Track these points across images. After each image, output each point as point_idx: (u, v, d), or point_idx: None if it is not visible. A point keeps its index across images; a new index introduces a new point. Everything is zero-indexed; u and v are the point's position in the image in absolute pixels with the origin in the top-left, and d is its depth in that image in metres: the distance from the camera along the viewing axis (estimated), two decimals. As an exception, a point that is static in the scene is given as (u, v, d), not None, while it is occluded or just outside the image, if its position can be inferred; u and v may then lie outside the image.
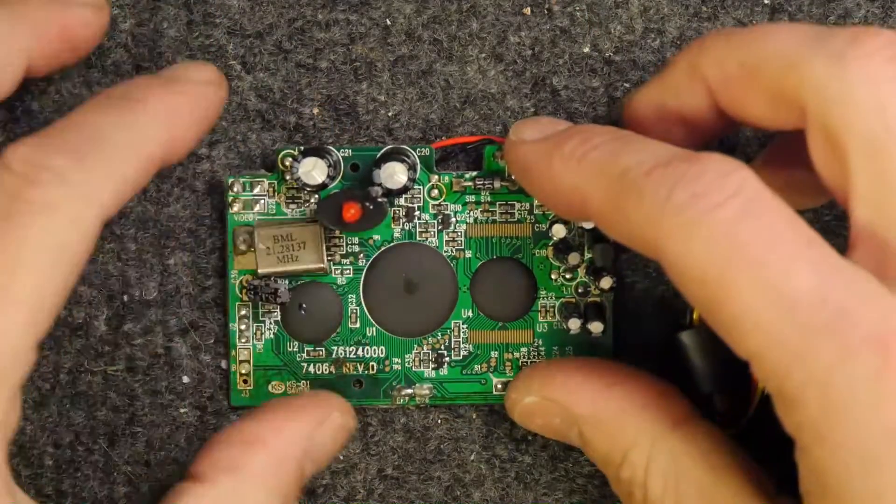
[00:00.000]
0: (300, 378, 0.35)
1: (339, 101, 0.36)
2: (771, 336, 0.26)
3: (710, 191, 0.27)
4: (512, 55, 0.36)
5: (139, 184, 0.30)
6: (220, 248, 0.36)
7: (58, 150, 0.28)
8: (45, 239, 0.27)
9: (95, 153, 0.29)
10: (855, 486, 0.26)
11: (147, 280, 0.35)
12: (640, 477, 0.31)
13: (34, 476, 0.35)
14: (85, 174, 0.28)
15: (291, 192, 0.35)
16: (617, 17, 0.36)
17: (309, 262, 0.34)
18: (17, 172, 0.28)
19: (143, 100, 0.30)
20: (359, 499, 0.36)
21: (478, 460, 0.36)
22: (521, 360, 0.35)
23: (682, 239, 0.27)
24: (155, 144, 0.30)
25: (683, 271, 0.27)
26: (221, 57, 0.36)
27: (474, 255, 0.35)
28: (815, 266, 0.26)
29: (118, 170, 0.29)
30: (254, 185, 0.35)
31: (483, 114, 0.36)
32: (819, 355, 0.25)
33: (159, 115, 0.30)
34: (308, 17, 0.36)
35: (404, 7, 0.36)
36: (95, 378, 0.35)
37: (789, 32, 0.29)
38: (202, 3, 0.36)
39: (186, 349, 0.35)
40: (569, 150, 0.30)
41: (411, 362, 0.35)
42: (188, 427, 0.35)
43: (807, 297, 0.26)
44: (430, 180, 0.35)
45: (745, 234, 0.26)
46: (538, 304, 0.35)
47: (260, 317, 0.35)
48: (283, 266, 0.34)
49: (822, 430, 0.26)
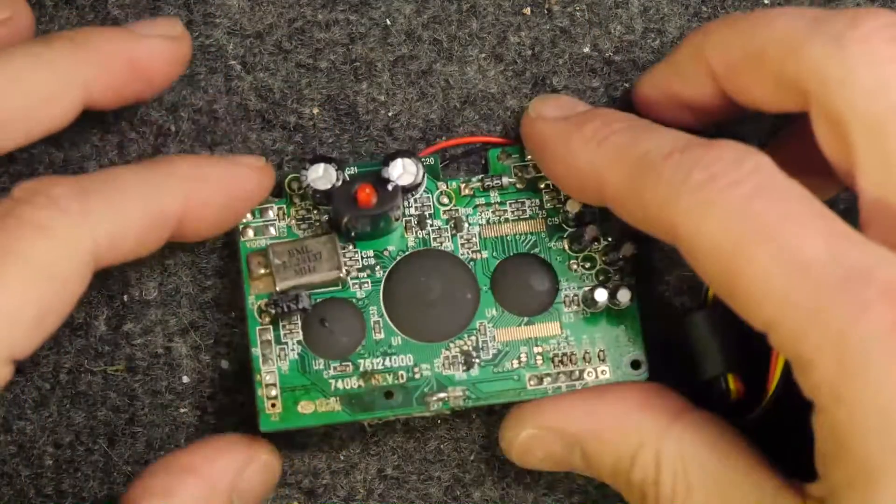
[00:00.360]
0: (329, 395, 0.34)
1: (339, 101, 0.36)
2: (785, 300, 0.26)
3: (726, 171, 0.27)
4: (512, 55, 0.36)
5: (147, 238, 0.30)
6: (219, 247, 0.36)
7: (61, 184, 0.29)
8: (29, 257, 0.27)
9: (98, 190, 0.29)
10: (872, 444, 0.25)
11: (147, 280, 0.35)
12: (651, 475, 0.31)
13: (34, 476, 0.35)
14: (83, 206, 0.28)
15: (301, 213, 0.34)
16: (617, 17, 0.36)
17: (326, 270, 0.34)
18: (16, 197, 0.28)
19: (170, 161, 0.31)
20: (359, 499, 0.36)
21: (478, 460, 0.36)
22: (551, 352, 0.34)
23: (698, 216, 0.27)
24: (170, 201, 0.30)
25: (699, 247, 0.27)
26: (221, 57, 0.36)
27: (491, 255, 0.35)
28: (828, 233, 0.26)
29: (120, 210, 0.29)
30: (263, 211, 0.34)
31: (483, 114, 0.36)
32: (833, 313, 0.26)
33: (181, 175, 0.31)
34: (308, 17, 0.36)
35: (404, 7, 0.36)
36: (95, 378, 0.35)
37: (790, 16, 0.29)
38: (202, 3, 0.36)
39: (186, 349, 0.35)
40: (590, 132, 0.31)
41: (441, 366, 0.34)
42: (188, 427, 0.35)
43: (819, 259, 0.26)
44: (438, 188, 0.35)
45: (758, 208, 0.27)
46: (561, 295, 0.35)
47: (282, 338, 0.34)
48: (301, 278, 0.34)
49: (838, 389, 0.26)
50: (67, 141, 0.35)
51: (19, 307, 0.27)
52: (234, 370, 0.35)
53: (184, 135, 0.36)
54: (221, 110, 0.36)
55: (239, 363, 0.35)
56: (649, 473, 0.31)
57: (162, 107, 0.36)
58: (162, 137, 0.36)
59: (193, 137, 0.36)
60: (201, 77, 0.36)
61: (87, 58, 0.31)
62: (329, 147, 0.36)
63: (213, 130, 0.36)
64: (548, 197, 0.35)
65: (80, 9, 0.36)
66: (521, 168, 0.35)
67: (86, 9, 0.36)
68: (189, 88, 0.36)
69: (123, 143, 0.36)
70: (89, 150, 0.36)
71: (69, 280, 0.28)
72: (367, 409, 0.34)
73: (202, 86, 0.36)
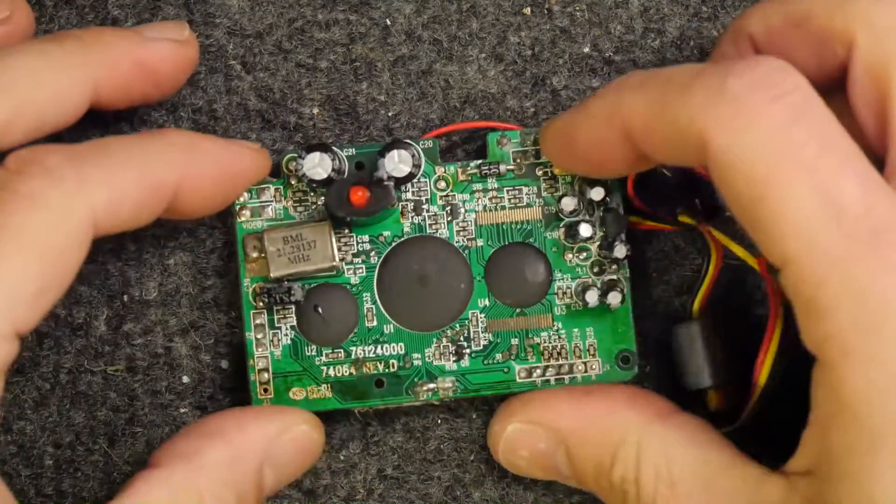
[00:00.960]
0: (321, 382, 0.34)
1: (339, 101, 0.36)
2: (813, 240, 0.25)
3: (766, 83, 0.26)
4: (512, 55, 0.36)
5: (144, 207, 0.30)
6: (219, 247, 0.36)
7: (55, 152, 0.29)
8: (26, 230, 0.27)
9: (94, 159, 0.29)
10: (875, 405, 0.25)
11: (147, 280, 0.35)
12: (631, 472, 0.31)
13: (34, 476, 0.35)
14: (78, 174, 0.28)
15: (298, 196, 0.35)
16: (617, 17, 0.36)
17: (320, 260, 0.34)
18: (10, 168, 0.28)
19: (166, 134, 0.31)
20: (359, 499, 0.36)
21: (478, 460, 0.36)
22: (542, 344, 0.34)
23: (735, 130, 0.26)
24: (166, 171, 0.30)
25: (731, 164, 0.26)
26: (221, 57, 0.36)
27: (486, 243, 0.35)
28: (865, 179, 0.26)
29: (117, 178, 0.29)
30: (260, 191, 0.34)
31: (483, 114, 0.36)
32: (860, 265, 0.25)
33: (178, 147, 0.30)
34: (308, 17, 0.36)
35: (404, 7, 0.36)
36: (95, 378, 0.35)
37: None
38: (202, 3, 0.36)
39: (186, 349, 0.35)
40: (604, 90, 0.29)
41: (432, 356, 0.34)
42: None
43: (854, 207, 0.25)
44: (436, 172, 0.35)
45: (799, 135, 0.26)
46: (554, 286, 0.35)
47: (276, 323, 0.34)
48: (295, 267, 0.34)
49: (851, 342, 0.25)
50: (68, 140, 0.35)
51: (20, 281, 0.27)
52: (234, 370, 0.35)
53: (184, 135, 0.36)
54: (221, 110, 0.36)
55: (239, 363, 0.35)
56: (629, 470, 0.31)
57: (162, 107, 0.36)
58: (162, 137, 0.36)
59: (193, 137, 0.36)
60: (201, 77, 0.36)
61: (96, 57, 0.31)
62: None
63: (213, 130, 0.36)
64: (546, 185, 0.35)
65: (80, 9, 0.36)
66: (520, 154, 0.35)
67: (86, 9, 0.36)
68: (189, 88, 0.36)
69: (123, 143, 0.36)
70: (89, 150, 0.36)
71: (68, 250, 0.28)
72: (358, 397, 0.34)
73: (202, 86, 0.36)
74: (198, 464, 0.31)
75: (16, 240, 0.27)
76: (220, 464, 0.31)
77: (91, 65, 0.31)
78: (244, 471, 0.31)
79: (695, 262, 0.35)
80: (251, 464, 0.31)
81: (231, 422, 0.32)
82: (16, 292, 0.27)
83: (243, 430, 0.32)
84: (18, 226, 0.27)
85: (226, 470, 0.31)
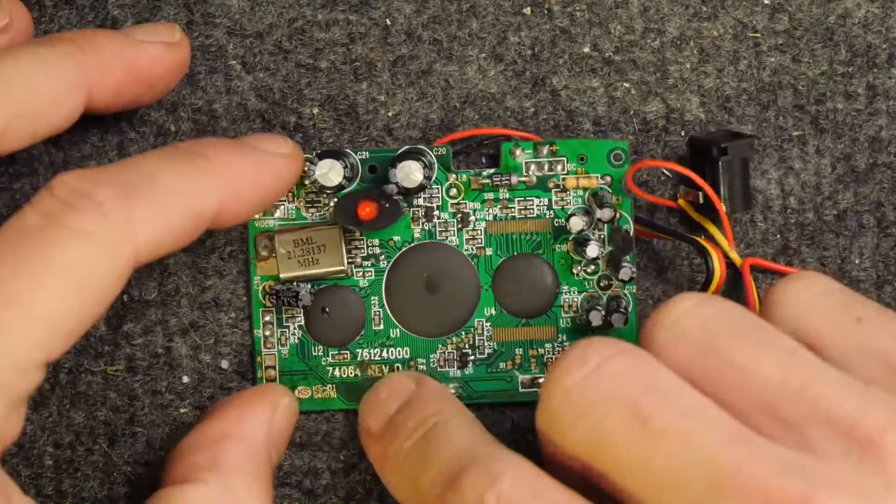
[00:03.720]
0: (326, 382, 0.35)
1: (339, 101, 0.36)
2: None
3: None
4: (512, 55, 0.36)
5: (184, 236, 0.30)
6: (219, 247, 0.36)
7: (104, 184, 0.28)
8: (72, 265, 0.27)
9: (142, 194, 0.29)
10: None
11: (147, 280, 0.35)
12: None
13: (34, 476, 0.35)
14: (126, 211, 0.28)
15: (310, 196, 0.35)
16: (617, 17, 0.36)
17: (330, 264, 0.34)
18: (59, 197, 0.28)
19: (207, 156, 0.30)
20: (358, 499, 0.36)
21: (478, 460, 0.36)
22: (545, 356, 0.35)
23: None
24: (208, 201, 0.30)
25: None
26: (221, 57, 0.36)
27: (495, 253, 0.35)
28: None
29: (163, 215, 0.29)
30: None
31: (483, 114, 0.36)
32: None
33: (219, 173, 0.30)
34: (308, 17, 0.36)
35: (404, 7, 0.36)
36: (95, 378, 0.35)
37: None
38: (202, 3, 0.36)
39: (186, 349, 0.35)
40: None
41: (436, 362, 0.35)
42: (188, 427, 0.35)
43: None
44: (448, 179, 0.35)
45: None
46: (560, 299, 0.35)
47: (284, 322, 0.35)
48: (305, 270, 0.34)
49: None
50: (67, 141, 0.35)
51: (60, 317, 0.27)
52: (234, 370, 0.35)
53: (184, 134, 0.36)
54: (221, 110, 0.36)
55: (239, 363, 0.35)
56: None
57: (162, 107, 0.36)
58: (162, 137, 0.36)
59: (193, 137, 0.36)
60: (201, 77, 0.36)
61: (89, 60, 0.31)
62: (329, 147, 0.36)
63: (213, 130, 0.36)
64: (556, 198, 0.35)
65: (80, 9, 0.36)
66: (532, 165, 0.35)
67: (86, 9, 0.36)
68: (189, 88, 0.36)
69: (123, 142, 0.36)
70: (89, 149, 0.36)
71: (109, 286, 0.28)
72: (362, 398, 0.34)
73: (202, 86, 0.36)
74: (226, 470, 0.31)
75: (62, 275, 0.27)
76: (242, 463, 0.32)
77: (84, 68, 0.31)
78: (260, 460, 0.32)
79: (695, 262, 0.35)
80: (262, 450, 0.32)
81: (228, 422, 0.32)
82: (55, 327, 0.27)
83: (245, 424, 0.32)
84: (66, 261, 0.27)
85: (249, 466, 0.32)
